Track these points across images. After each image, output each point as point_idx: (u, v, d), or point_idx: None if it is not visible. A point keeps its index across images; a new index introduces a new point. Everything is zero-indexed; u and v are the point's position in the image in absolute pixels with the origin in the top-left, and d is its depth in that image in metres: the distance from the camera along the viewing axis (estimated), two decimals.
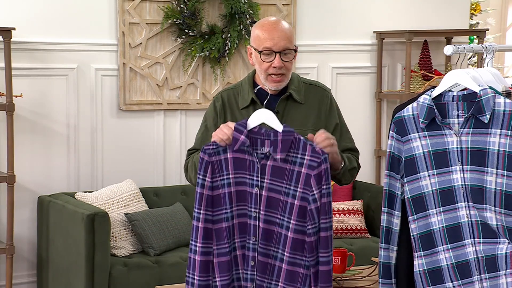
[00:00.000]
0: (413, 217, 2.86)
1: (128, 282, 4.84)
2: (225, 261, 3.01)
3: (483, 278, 2.76)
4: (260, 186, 3.00)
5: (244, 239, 3.03)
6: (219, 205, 3.02)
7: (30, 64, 5.31)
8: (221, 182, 3.02)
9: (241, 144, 2.99)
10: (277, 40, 3.26)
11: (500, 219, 2.72)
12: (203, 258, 3.02)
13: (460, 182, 2.78)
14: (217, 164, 3.02)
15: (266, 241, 3.00)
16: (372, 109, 6.41)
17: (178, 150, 5.77)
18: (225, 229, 3.01)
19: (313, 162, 2.95)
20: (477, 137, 2.76)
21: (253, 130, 3.02)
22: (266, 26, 3.30)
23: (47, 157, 5.40)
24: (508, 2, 10.07)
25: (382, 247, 2.95)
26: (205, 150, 3.03)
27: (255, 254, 3.01)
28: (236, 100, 3.41)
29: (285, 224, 2.98)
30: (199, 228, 3.01)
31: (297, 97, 3.37)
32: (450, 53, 3.16)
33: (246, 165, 3.01)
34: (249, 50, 3.37)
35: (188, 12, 5.58)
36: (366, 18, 6.31)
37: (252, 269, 3.02)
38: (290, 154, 2.98)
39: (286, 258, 2.98)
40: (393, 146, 2.91)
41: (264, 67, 3.29)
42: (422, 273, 2.84)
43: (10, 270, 5.05)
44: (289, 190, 2.98)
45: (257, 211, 3.00)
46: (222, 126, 3.06)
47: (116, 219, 5.11)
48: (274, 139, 2.99)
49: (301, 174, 2.96)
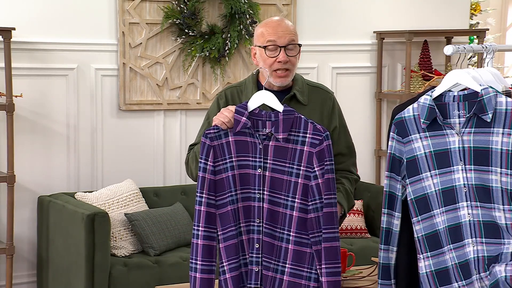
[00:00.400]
0: (417, 218, 2.85)
1: (128, 282, 4.83)
2: (232, 245, 2.99)
3: (483, 276, 2.76)
4: (263, 167, 2.99)
5: (249, 224, 3.02)
6: (223, 189, 3.01)
7: (30, 64, 5.31)
8: (224, 166, 3.01)
9: (242, 125, 2.99)
10: (281, 34, 3.28)
11: (509, 218, 2.72)
12: (205, 242, 3.00)
13: (462, 181, 2.78)
14: (219, 148, 3.02)
15: (271, 222, 2.99)
16: (372, 109, 6.41)
17: (178, 150, 5.77)
18: (231, 212, 3.00)
19: (315, 140, 2.96)
20: (479, 136, 2.76)
21: (254, 112, 3.02)
22: (270, 24, 3.32)
23: (47, 157, 5.40)
24: (508, 2, 10.08)
25: (381, 248, 2.95)
26: (207, 135, 3.02)
27: (260, 236, 3.00)
28: (239, 98, 3.42)
29: (290, 204, 2.97)
30: (201, 212, 2.99)
31: (301, 98, 3.37)
32: (450, 53, 3.16)
33: (249, 147, 3.01)
34: (253, 51, 3.37)
35: (188, 12, 5.58)
36: (366, 18, 6.31)
37: (257, 251, 3.00)
38: (292, 134, 2.98)
39: (292, 239, 2.97)
40: (394, 147, 2.90)
41: (269, 63, 3.29)
42: (429, 274, 2.84)
43: (10, 270, 5.05)
44: (292, 170, 2.97)
45: (261, 192, 3.00)
46: (223, 109, 3.06)
47: (116, 219, 5.11)
48: (275, 119, 2.99)
49: (303, 153, 2.96)
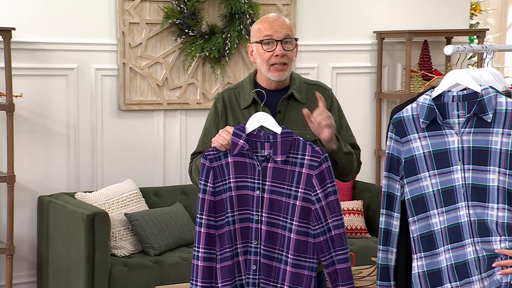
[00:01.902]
0: (414, 218, 2.85)
1: (128, 282, 4.84)
2: (227, 266, 3.00)
3: (484, 277, 2.76)
4: (262, 189, 3.00)
5: (247, 245, 3.03)
6: (222, 210, 3.02)
7: (30, 64, 5.31)
8: (223, 187, 3.02)
9: (240, 148, 3.00)
10: (277, 29, 3.27)
11: (501, 216, 2.72)
12: (205, 263, 3.01)
13: (461, 181, 2.78)
14: (218, 169, 3.02)
15: (269, 244, 3.00)
16: (372, 109, 6.41)
17: (178, 150, 5.77)
18: (227, 233, 3.00)
19: (313, 162, 2.95)
20: (479, 136, 2.76)
21: (252, 133, 3.02)
22: (265, 19, 3.32)
23: (47, 157, 5.40)
24: (508, 2, 10.07)
25: (380, 249, 2.94)
26: (206, 156, 3.03)
27: (257, 257, 3.01)
28: (237, 100, 3.40)
29: (288, 226, 2.98)
30: (201, 234, 3.01)
31: (299, 96, 3.36)
32: (450, 53, 3.16)
33: (247, 169, 3.01)
34: (250, 48, 3.37)
35: (188, 12, 5.58)
36: (366, 18, 6.31)
37: (254, 273, 3.01)
38: (290, 155, 2.98)
39: (290, 261, 2.97)
40: (392, 147, 2.90)
41: (266, 57, 3.28)
42: (421, 275, 2.83)
43: (10, 270, 5.05)
44: (290, 192, 2.98)
45: (259, 214, 3.00)
46: (221, 131, 3.06)
47: (116, 219, 5.11)
48: (273, 141, 2.99)
49: (302, 175, 2.96)
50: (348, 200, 5.77)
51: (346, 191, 5.82)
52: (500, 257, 2.73)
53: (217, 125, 3.40)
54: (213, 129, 3.39)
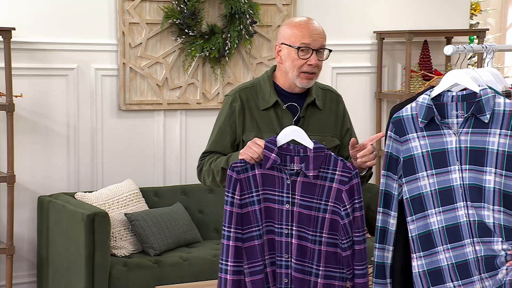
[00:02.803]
0: (412, 217, 2.85)
1: (128, 282, 4.84)
2: (259, 279, 2.98)
3: (484, 277, 2.76)
4: (291, 202, 2.98)
5: (274, 256, 3.01)
6: (249, 223, 2.99)
7: (30, 64, 5.31)
8: (250, 200, 2.99)
9: (272, 162, 2.96)
10: (315, 38, 3.25)
11: (498, 218, 2.72)
12: (235, 277, 2.98)
13: (459, 181, 2.78)
14: (245, 181, 2.99)
15: (300, 257, 2.99)
16: (372, 109, 6.41)
17: (178, 150, 5.77)
18: (258, 246, 2.98)
19: (344, 178, 2.96)
20: (477, 136, 2.77)
21: (282, 146, 2.99)
22: (303, 24, 3.27)
23: (47, 157, 5.40)
24: (508, 2, 10.07)
25: (376, 247, 2.95)
26: (233, 168, 2.99)
27: (289, 271, 2.99)
28: (255, 100, 3.34)
29: (318, 239, 2.98)
30: (230, 247, 2.97)
31: (318, 102, 3.35)
32: (450, 53, 3.16)
33: (275, 182, 2.99)
34: (278, 48, 3.30)
35: (188, 12, 5.58)
36: (366, 18, 6.31)
37: (286, 285, 3.00)
38: (321, 170, 2.97)
39: (321, 273, 2.98)
40: (391, 146, 2.91)
41: (299, 64, 3.24)
42: (422, 274, 2.84)
43: (10, 270, 5.05)
44: (320, 205, 2.97)
45: (289, 227, 2.98)
46: (250, 143, 3.01)
47: (116, 219, 5.11)
48: (304, 155, 2.97)
49: (332, 189, 2.96)
50: None
51: None
52: (497, 264, 2.73)
53: (231, 124, 3.33)
54: (228, 128, 3.33)
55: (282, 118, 3.29)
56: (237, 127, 3.32)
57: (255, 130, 3.29)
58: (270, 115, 3.27)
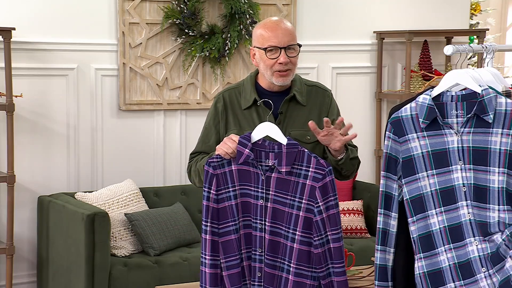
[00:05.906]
0: (413, 218, 2.85)
1: (128, 282, 4.84)
2: (235, 273, 3.03)
3: (491, 273, 2.75)
4: (265, 198, 3.01)
5: (250, 250, 3.04)
6: (226, 218, 3.03)
7: (30, 64, 5.31)
8: (227, 195, 3.03)
9: (245, 157, 3.00)
10: (281, 37, 3.27)
11: (503, 217, 2.72)
12: (211, 270, 3.03)
13: (461, 181, 2.78)
14: (222, 177, 3.03)
15: (272, 252, 3.01)
16: (372, 109, 6.41)
17: (178, 150, 5.77)
18: (235, 241, 3.02)
19: (317, 175, 2.97)
20: (479, 136, 2.77)
21: (257, 142, 3.03)
22: (268, 25, 3.31)
23: (47, 157, 5.40)
24: (508, 2, 10.08)
25: (378, 249, 2.94)
26: (210, 163, 3.04)
27: (262, 265, 3.02)
28: (238, 100, 3.41)
29: (291, 235, 2.99)
30: (206, 241, 3.03)
31: (300, 98, 3.37)
32: (450, 53, 3.16)
33: (251, 177, 3.02)
34: (252, 51, 3.37)
35: (188, 12, 5.58)
36: (366, 18, 6.31)
37: (259, 280, 3.03)
38: (295, 167, 2.99)
39: (292, 270, 2.99)
40: (390, 147, 2.90)
41: (270, 64, 3.29)
42: (422, 276, 2.83)
43: (10, 270, 5.05)
44: (294, 202, 2.99)
45: (263, 222, 3.01)
46: (226, 139, 3.06)
47: (116, 219, 5.11)
48: (278, 151, 2.99)
49: (305, 186, 2.97)
50: (348, 200, 5.77)
51: (346, 191, 5.82)
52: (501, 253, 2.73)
53: (216, 124, 3.41)
54: (213, 128, 3.40)
55: (263, 116, 3.33)
56: (221, 127, 3.40)
57: (237, 129, 3.36)
58: (251, 113, 3.31)
